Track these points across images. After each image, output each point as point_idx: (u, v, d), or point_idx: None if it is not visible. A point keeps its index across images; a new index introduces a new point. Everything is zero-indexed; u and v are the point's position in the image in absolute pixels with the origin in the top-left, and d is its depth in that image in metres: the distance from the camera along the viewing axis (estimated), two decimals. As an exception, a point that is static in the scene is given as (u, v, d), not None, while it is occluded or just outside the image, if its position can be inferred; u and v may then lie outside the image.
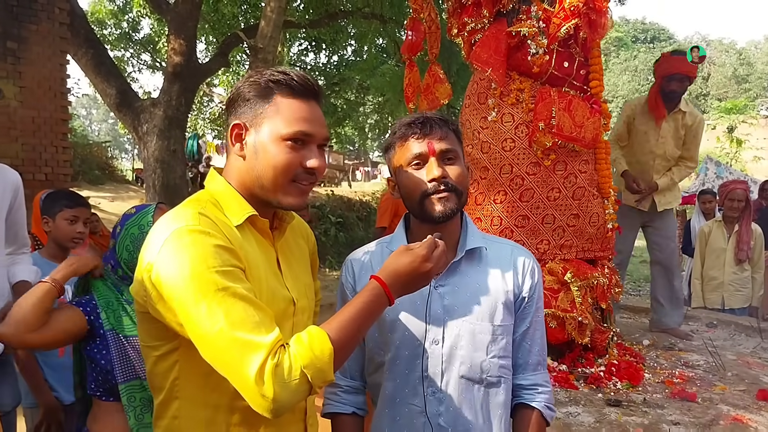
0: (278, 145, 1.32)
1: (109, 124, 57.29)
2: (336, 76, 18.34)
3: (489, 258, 1.59)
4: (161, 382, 1.38)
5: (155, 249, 1.26)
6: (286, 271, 1.45)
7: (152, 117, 10.02)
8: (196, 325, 1.21)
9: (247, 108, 1.36)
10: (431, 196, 1.49)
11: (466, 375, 1.52)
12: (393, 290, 1.32)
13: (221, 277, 1.20)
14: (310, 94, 1.37)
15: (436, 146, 1.49)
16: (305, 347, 1.19)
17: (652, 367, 3.77)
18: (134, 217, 1.99)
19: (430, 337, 1.52)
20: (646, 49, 46.01)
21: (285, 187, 1.35)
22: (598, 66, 3.61)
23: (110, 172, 17.47)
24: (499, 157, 3.59)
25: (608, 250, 3.81)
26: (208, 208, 1.33)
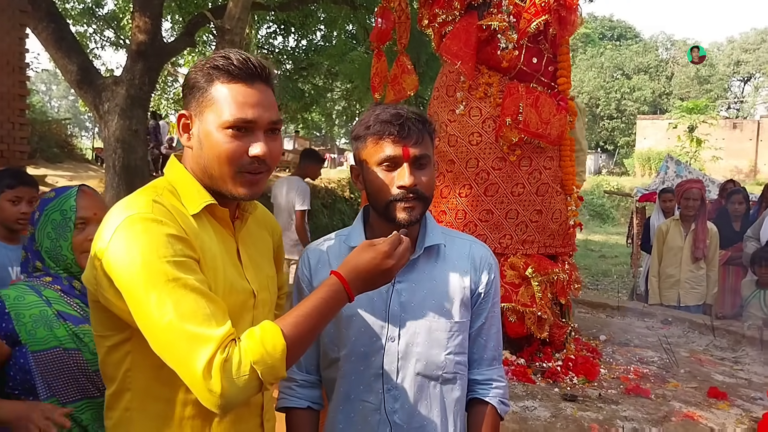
0: (220, 134, 1.28)
1: (69, 101, 55.85)
2: (304, 60, 18.16)
3: (447, 254, 1.59)
4: (113, 373, 1.35)
5: (107, 236, 1.23)
6: (246, 262, 1.42)
7: (114, 95, 9.77)
8: (145, 316, 1.18)
9: (192, 97, 1.33)
10: (397, 202, 1.47)
11: (422, 372, 1.52)
12: (353, 287, 1.30)
13: (173, 268, 1.17)
14: (254, 76, 1.32)
15: (411, 152, 1.47)
16: (257, 342, 1.17)
17: (608, 362, 3.83)
18: (54, 201, 1.85)
19: (386, 333, 1.51)
20: (613, 46, 46.70)
21: (233, 178, 1.31)
22: (566, 63, 3.62)
23: (69, 150, 17.03)
24: (466, 150, 3.59)
25: (569, 246, 3.85)
26: (164, 195, 1.30)
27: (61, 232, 1.80)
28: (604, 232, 21.98)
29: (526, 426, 2.87)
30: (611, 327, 4.77)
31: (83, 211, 1.81)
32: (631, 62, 44.29)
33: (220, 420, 1.35)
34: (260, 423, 1.45)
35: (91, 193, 1.88)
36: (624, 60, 44.55)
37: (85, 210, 1.82)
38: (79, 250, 1.80)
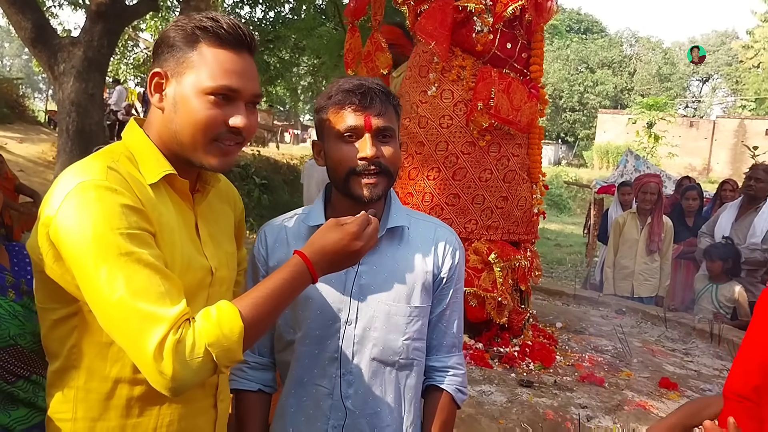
0: (200, 99, 1.21)
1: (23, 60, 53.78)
2: (271, 33, 17.77)
3: (411, 237, 1.53)
4: (57, 349, 1.27)
5: (56, 203, 1.14)
6: (205, 237, 1.35)
7: (71, 57, 9.40)
8: (93, 291, 1.11)
9: (170, 55, 1.23)
10: (359, 177, 1.41)
11: (378, 357, 1.47)
12: (318, 268, 1.24)
13: (126, 241, 1.10)
14: (242, 44, 1.25)
15: (374, 122, 1.40)
16: (212, 324, 1.11)
17: (564, 349, 3.88)
18: None
19: (343, 317, 1.46)
20: (579, 39, 47.19)
21: (205, 147, 1.24)
22: (540, 51, 3.61)
23: (21, 111, 16.39)
24: (436, 133, 3.56)
25: (532, 234, 3.88)
26: (120, 162, 1.21)
27: None
28: (561, 221, 22.33)
29: (482, 410, 2.88)
30: (567, 315, 4.84)
31: None
32: (595, 56, 44.87)
33: (172, 401, 1.28)
34: (213, 404, 1.39)
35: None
36: (589, 54, 45.09)
37: None
38: None
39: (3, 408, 1.63)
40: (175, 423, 1.30)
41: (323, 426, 1.46)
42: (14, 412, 1.64)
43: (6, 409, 1.63)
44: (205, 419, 1.38)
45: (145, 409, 1.26)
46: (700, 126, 34.10)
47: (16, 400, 1.65)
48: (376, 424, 1.47)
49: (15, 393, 1.64)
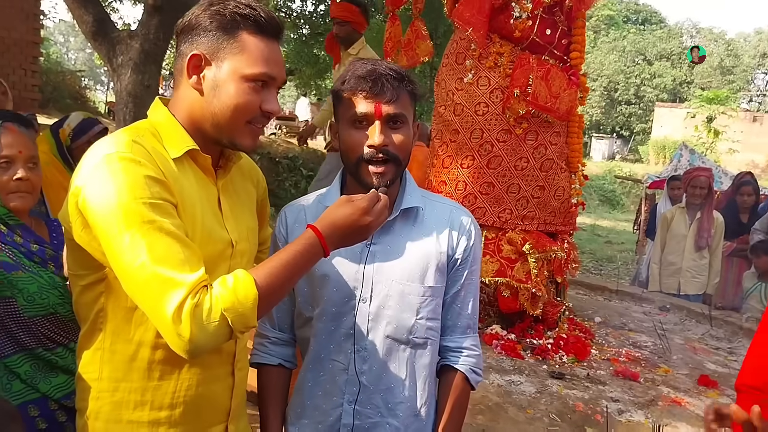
0: (240, 85, 1.27)
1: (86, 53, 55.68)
2: (321, 26, 17.95)
3: (425, 218, 1.54)
4: (86, 313, 1.34)
5: (84, 174, 1.21)
6: (227, 211, 1.40)
7: (128, 49, 9.68)
8: (118, 257, 1.17)
9: (207, 39, 1.27)
10: (367, 164, 1.42)
11: (392, 335, 1.49)
12: (329, 242, 1.27)
13: (148, 210, 1.15)
14: (276, 33, 1.31)
15: (384, 109, 1.40)
16: (229, 290, 1.15)
17: (600, 344, 3.81)
18: None
19: (358, 294, 1.48)
20: (636, 30, 45.87)
21: (242, 128, 1.30)
22: (580, 37, 3.54)
23: (82, 102, 16.99)
24: (471, 120, 3.53)
25: (570, 225, 3.81)
26: (145, 136, 1.27)
27: None
28: (613, 218, 21.82)
29: (510, 400, 2.86)
30: (608, 310, 4.75)
31: (7, 150, 1.72)
32: (653, 48, 43.50)
33: (191, 366, 1.33)
34: (231, 371, 1.44)
35: (15, 129, 1.77)
36: (647, 45, 43.75)
37: (9, 148, 1.72)
38: (5, 191, 1.72)
39: (44, 376, 1.70)
40: (194, 388, 1.35)
41: (339, 400, 1.50)
42: (54, 380, 1.71)
43: (47, 377, 1.70)
44: (222, 386, 1.42)
45: (166, 372, 1.32)
46: (764, 121, 32.64)
47: (55, 367, 1.72)
48: (390, 400, 1.50)
49: (54, 360, 1.72)
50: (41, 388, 1.69)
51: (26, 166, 1.74)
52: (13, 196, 1.72)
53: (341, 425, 1.50)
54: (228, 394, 1.44)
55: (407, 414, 1.51)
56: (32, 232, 1.80)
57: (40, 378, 1.69)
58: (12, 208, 1.73)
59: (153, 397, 1.32)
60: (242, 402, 1.52)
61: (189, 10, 1.34)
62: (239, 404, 1.49)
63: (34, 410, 1.68)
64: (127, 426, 1.32)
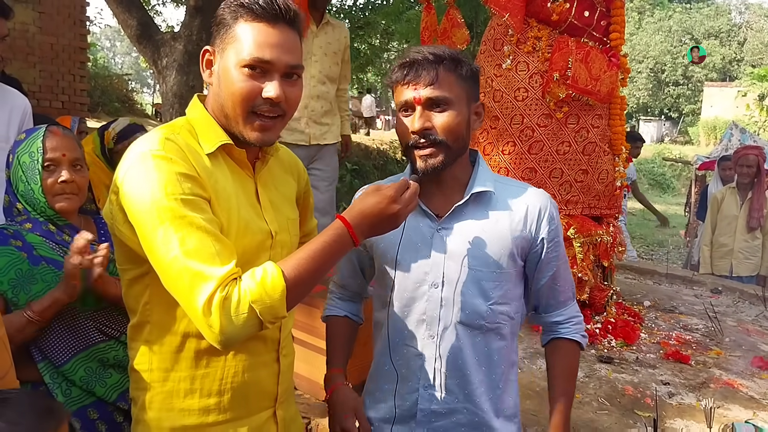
0: (237, 72, 1.27)
1: (132, 57, 57.03)
2: (361, 20, 17.98)
3: (498, 201, 1.51)
4: (134, 305, 1.39)
5: (122, 171, 1.25)
6: (265, 203, 1.42)
7: (172, 51, 9.92)
8: (153, 251, 1.21)
9: (218, 33, 1.32)
10: (414, 149, 1.43)
11: (464, 321, 1.49)
12: (358, 231, 1.27)
13: (180, 205, 1.19)
14: (278, 17, 1.28)
15: (422, 93, 1.41)
16: (257, 283, 1.18)
17: (650, 327, 3.76)
18: (24, 143, 1.80)
19: (429, 280, 1.49)
20: (682, 9, 44.42)
21: (245, 119, 1.30)
22: (620, 18, 3.48)
23: (130, 105, 17.47)
24: (511, 106, 3.51)
25: (615, 208, 3.76)
26: (180, 133, 1.30)
27: (31, 175, 1.76)
28: (664, 201, 21.29)
29: (558, 384, 2.86)
30: (657, 293, 4.66)
31: (51, 153, 1.77)
32: (701, 26, 42.06)
33: (236, 353, 1.37)
34: (276, 358, 1.47)
35: (59, 132, 1.82)
36: (694, 24, 42.34)
37: (54, 151, 1.77)
38: (51, 193, 1.77)
39: (98, 379, 1.75)
40: (240, 374, 1.39)
41: (414, 385, 1.52)
42: (109, 380, 1.76)
43: (101, 379, 1.76)
44: (268, 372, 1.46)
45: (212, 360, 1.36)
46: (821, 97, 31.35)
47: (107, 366, 1.78)
48: (466, 386, 1.51)
49: (107, 357, 1.78)
50: (97, 391, 1.74)
51: (71, 168, 1.79)
52: (59, 198, 1.77)
53: (418, 410, 1.52)
54: (274, 380, 1.47)
55: (483, 399, 1.51)
56: (80, 230, 1.88)
57: (95, 381, 1.74)
58: (59, 209, 1.78)
59: (201, 384, 1.36)
60: (289, 387, 1.55)
61: None
62: (286, 390, 1.52)
63: (94, 413, 1.74)
64: (179, 414, 1.36)
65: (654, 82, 40.99)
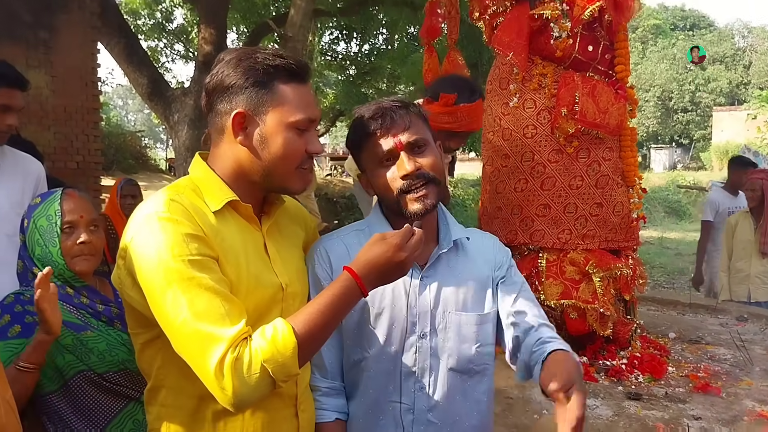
0: (287, 134, 1.31)
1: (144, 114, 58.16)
2: (367, 65, 18.33)
3: (469, 247, 1.55)
4: (148, 369, 1.39)
5: (128, 236, 1.26)
6: (274, 255, 1.42)
7: (183, 106, 10.12)
8: (162, 315, 1.21)
9: (246, 96, 1.32)
10: (406, 195, 1.44)
11: (455, 367, 1.48)
12: (366, 282, 1.27)
13: (188, 267, 1.19)
14: (307, 76, 1.36)
15: (403, 139, 1.43)
16: (268, 341, 1.17)
17: (677, 360, 3.67)
18: (40, 207, 1.80)
19: (417, 330, 1.47)
20: (685, 36, 44.84)
21: (292, 174, 1.35)
22: (624, 50, 3.49)
23: (144, 161, 17.76)
24: (521, 144, 3.51)
25: (633, 240, 3.71)
26: (185, 194, 1.32)
27: (49, 238, 1.77)
28: (681, 229, 21.09)
29: (587, 425, 2.77)
30: (682, 324, 4.57)
31: (69, 215, 1.78)
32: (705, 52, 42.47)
33: (254, 411, 1.35)
34: (295, 413, 1.44)
35: (76, 195, 1.84)
36: (698, 50, 42.76)
37: (71, 213, 1.79)
38: (69, 255, 1.77)
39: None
40: (260, 431, 1.37)
41: None
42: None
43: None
44: (288, 427, 1.43)
45: (230, 421, 1.35)
46: (832, 116, 31.21)
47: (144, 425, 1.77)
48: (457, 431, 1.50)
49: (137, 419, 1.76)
50: None
51: (88, 230, 1.81)
52: (77, 260, 1.78)
53: None
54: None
55: None
56: (97, 292, 1.87)
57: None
58: (78, 271, 1.79)
59: None
60: None
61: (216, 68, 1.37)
62: None
63: None
64: None
65: (662, 110, 41.12)
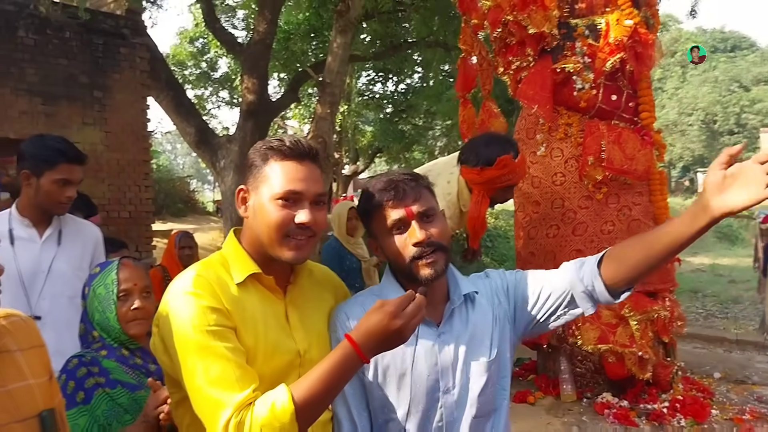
0: (272, 204, 1.41)
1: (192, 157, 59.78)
2: (403, 103, 18.57)
3: (479, 299, 1.62)
4: (180, 425, 1.51)
5: (162, 307, 1.41)
6: (295, 322, 1.51)
7: (228, 153, 10.46)
8: (185, 379, 1.34)
9: (250, 174, 1.47)
10: (418, 261, 1.50)
11: (478, 414, 1.54)
12: (365, 349, 1.31)
13: (205, 336, 1.32)
14: (303, 155, 1.45)
15: (413, 209, 1.51)
16: (268, 408, 1.26)
17: (721, 402, 3.63)
18: (99, 277, 1.98)
19: (441, 386, 1.54)
20: (727, 58, 44.06)
21: (280, 242, 1.42)
22: (647, 98, 3.57)
23: (192, 204, 18.25)
24: (550, 191, 3.60)
25: (669, 282, 3.72)
26: (213, 268, 1.45)
27: (107, 304, 1.93)
28: (734, 254, 20.40)
29: (626, 472, 2.79)
30: (728, 363, 4.50)
31: (124, 284, 1.94)
32: (748, 73, 41.49)
33: None
34: None
35: (130, 264, 2.01)
36: (740, 72, 41.82)
37: (126, 282, 1.94)
38: (124, 320, 1.92)
39: None
40: None
41: None
42: None
43: None
44: None
45: None
46: None
47: None
48: None
49: None
50: None
51: (141, 296, 1.95)
52: (132, 324, 1.93)
53: None
54: None
55: None
56: (149, 353, 2.03)
57: None
58: (131, 334, 1.94)
59: None
60: None
61: None
62: None
63: None
64: None
65: (707, 133, 40.25)
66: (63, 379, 1.88)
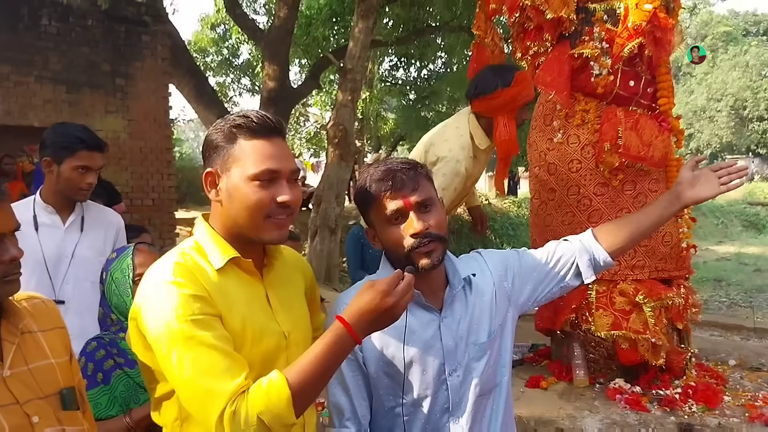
0: (248, 186, 1.38)
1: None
2: (426, 89, 18.53)
3: (477, 281, 1.66)
4: (165, 421, 1.49)
5: (138, 299, 1.39)
6: (276, 305, 1.50)
7: (250, 140, 10.57)
8: (169, 372, 1.31)
9: (216, 155, 1.43)
10: (416, 250, 1.52)
11: (482, 392, 1.60)
12: (357, 329, 1.31)
13: (190, 326, 1.29)
14: (272, 131, 1.42)
15: (411, 199, 1.52)
16: (262, 393, 1.24)
17: (734, 389, 3.62)
18: (115, 262, 2.04)
19: (447, 369, 1.58)
20: (759, 42, 42.99)
21: (261, 224, 1.41)
22: (666, 83, 3.54)
23: (216, 193, 18.40)
24: (566, 178, 3.60)
25: (684, 269, 3.72)
26: (189, 255, 1.43)
27: (123, 288, 1.99)
28: (761, 243, 20.15)
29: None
30: (744, 350, 4.49)
31: (140, 268, 1.99)
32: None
33: None
34: None
35: (145, 250, 2.07)
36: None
37: (141, 266, 1.99)
38: None
39: None
40: None
41: None
42: None
43: None
44: None
45: None
46: None
47: None
48: None
49: None
50: None
51: None
52: None
53: None
54: None
55: None
56: None
57: None
58: None
59: None
60: None
61: None
62: None
63: None
64: None
65: (736, 120, 39.45)
66: (83, 362, 1.97)
